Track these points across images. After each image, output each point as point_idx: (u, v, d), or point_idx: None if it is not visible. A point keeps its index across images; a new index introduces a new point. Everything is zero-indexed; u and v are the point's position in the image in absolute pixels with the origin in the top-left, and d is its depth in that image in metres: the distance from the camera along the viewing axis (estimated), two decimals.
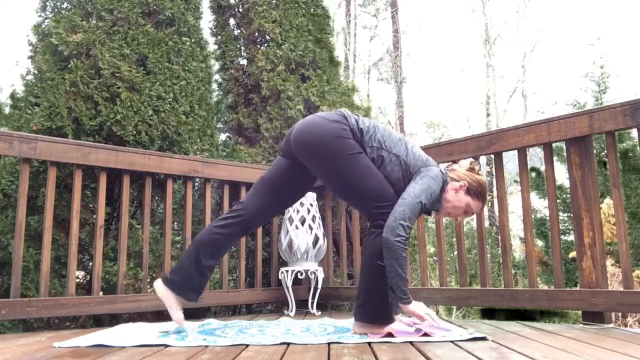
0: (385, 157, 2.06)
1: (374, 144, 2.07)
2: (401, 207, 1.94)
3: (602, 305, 2.29)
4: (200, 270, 2.15)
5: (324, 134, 2.04)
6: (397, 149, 2.08)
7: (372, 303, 2.04)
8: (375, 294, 2.04)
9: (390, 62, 16.42)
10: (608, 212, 5.35)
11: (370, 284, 2.05)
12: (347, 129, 2.06)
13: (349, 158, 2.02)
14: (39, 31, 3.38)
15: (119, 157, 2.77)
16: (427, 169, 2.05)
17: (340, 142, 2.03)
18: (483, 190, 2.15)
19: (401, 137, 2.15)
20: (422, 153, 2.14)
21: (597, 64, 7.74)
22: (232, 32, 4.41)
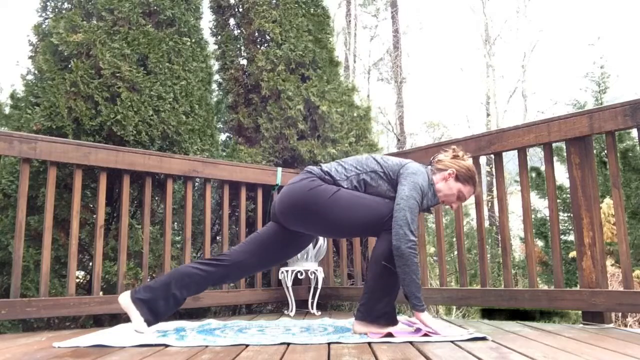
0: (366, 178, 2.14)
1: (350, 175, 2.14)
2: (399, 212, 1.99)
3: (602, 305, 2.29)
4: (166, 298, 2.17)
5: (298, 194, 2.12)
6: (370, 166, 2.16)
7: (375, 303, 2.05)
8: (378, 294, 2.06)
9: (390, 62, 16.42)
10: (608, 212, 5.35)
11: (374, 284, 2.07)
12: (316, 178, 2.13)
13: (331, 201, 2.08)
14: (39, 31, 3.38)
15: (119, 157, 2.77)
16: (405, 168, 2.11)
17: (315, 192, 2.09)
18: (472, 174, 2.20)
19: (367, 156, 2.23)
20: (394, 159, 2.20)
21: (597, 64, 7.75)
22: (232, 32, 4.41)
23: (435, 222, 3.01)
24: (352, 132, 4.03)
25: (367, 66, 17.45)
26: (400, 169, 2.12)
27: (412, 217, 1.99)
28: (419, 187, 2.05)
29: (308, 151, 3.80)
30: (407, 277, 1.96)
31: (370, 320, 2.05)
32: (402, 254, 1.95)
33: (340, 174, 2.15)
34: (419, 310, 1.98)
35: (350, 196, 2.09)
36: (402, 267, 1.96)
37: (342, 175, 2.14)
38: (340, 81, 4.21)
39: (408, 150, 3.21)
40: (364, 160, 2.19)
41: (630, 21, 28.46)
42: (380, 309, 2.05)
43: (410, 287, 1.97)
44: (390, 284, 2.04)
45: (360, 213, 2.08)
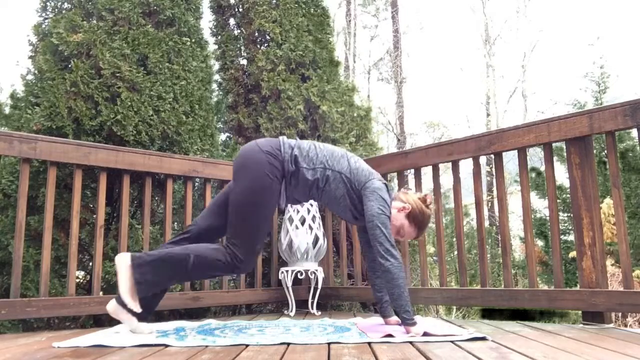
0: (330, 176, 2.14)
1: (317, 166, 2.13)
2: (374, 229, 2.03)
3: (602, 305, 2.29)
4: (158, 293, 2.19)
5: (251, 160, 2.10)
6: (340, 166, 2.16)
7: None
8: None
9: (390, 62, 16.42)
10: (608, 212, 5.35)
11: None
12: (277, 161, 2.09)
13: (258, 192, 2.07)
14: (39, 31, 3.38)
15: (119, 157, 2.77)
16: (371, 183, 2.13)
17: (259, 173, 2.06)
18: (423, 220, 2.21)
19: (343, 154, 2.22)
20: (364, 167, 2.21)
21: (597, 64, 7.75)
22: (232, 32, 4.41)
23: (435, 222, 3.01)
24: (352, 132, 4.04)
25: (367, 66, 17.44)
26: (366, 182, 2.13)
27: (387, 232, 2.04)
28: (385, 202, 2.09)
29: None
30: (395, 291, 2.00)
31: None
32: (388, 269, 1.99)
33: (308, 161, 2.13)
34: (410, 325, 2.00)
35: (266, 209, 2.09)
36: (391, 282, 2.00)
37: (309, 162, 2.13)
38: (340, 81, 4.21)
39: (408, 150, 3.21)
40: (338, 157, 2.19)
41: (630, 21, 28.44)
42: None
43: (399, 301, 2.00)
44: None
45: (251, 222, 2.07)
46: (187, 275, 2.06)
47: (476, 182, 2.86)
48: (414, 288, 3.07)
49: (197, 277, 2.07)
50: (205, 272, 2.11)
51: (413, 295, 3.10)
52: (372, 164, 3.29)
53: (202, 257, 2.04)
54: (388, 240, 2.03)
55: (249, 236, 2.08)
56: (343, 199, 2.15)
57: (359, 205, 2.16)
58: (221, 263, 2.05)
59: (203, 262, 2.04)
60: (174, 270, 2.05)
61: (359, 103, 4.36)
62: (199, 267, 2.04)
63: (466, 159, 2.87)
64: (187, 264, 2.02)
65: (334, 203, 2.20)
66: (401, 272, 2.01)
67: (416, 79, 29.51)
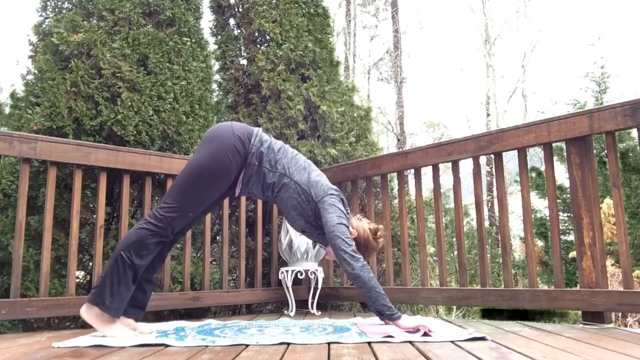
0: (287, 184, 2.15)
1: (277, 170, 2.15)
2: (335, 240, 2.06)
3: (602, 305, 2.29)
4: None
5: (220, 138, 2.11)
6: (299, 176, 2.17)
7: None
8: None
9: (390, 62, 16.41)
10: (608, 212, 5.35)
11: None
12: (243, 149, 2.10)
13: (212, 169, 2.08)
14: (39, 31, 3.38)
15: (119, 157, 2.77)
16: (329, 197, 2.15)
17: (221, 153, 2.08)
18: (366, 251, 2.23)
19: (306, 166, 2.22)
20: (324, 181, 2.21)
21: (597, 64, 7.75)
22: (232, 32, 4.41)
23: (435, 222, 3.01)
24: (352, 132, 4.04)
25: (367, 66, 17.44)
26: (324, 196, 2.14)
27: (348, 240, 2.06)
28: (342, 213, 2.13)
29: (308, 151, 3.80)
30: (372, 293, 2.02)
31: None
32: (356, 275, 2.02)
33: (272, 163, 2.14)
34: (395, 319, 2.01)
35: (207, 188, 2.10)
36: (364, 287, 2.02)
37: (271, 164, 2.14)
38: (340, 81, 4.21)
39: (408, 150, 3.21)
40: (300, 167, 2.19)
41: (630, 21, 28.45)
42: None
43: (379, 301, 2.02)
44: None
45: (186, 192, 2.09)
46: (134, 267, 2.04)
47: (476, 182, 2.86)
48: (414, 288, 3.07)
49: (142, 261, 2.05)
50: (143, 250, 2.07)
51: (413, 295, 3.10)
52: (372, 164, 3.31)
53: (130, 243, 2.05)
54: (349, 246, 2.06)
55: (183, 201, 2.09)
56: (294, 208, 2.17)
57: (312, 218, 2.18)
58: (148, 232, 2.06)
59: (135, 245, 2.04)
60: (122, 275, 2.03)
61: (359, 103, 4.36)
62: (136, 253, 2.04)
63: (466, 159, 2.87)
64: (124, 261, 2.03)
65: (285, 210, 2.23)
66: (369, 274, 2.04)
67: (416, 79, 29.52)
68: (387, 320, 2.04)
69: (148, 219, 2.09)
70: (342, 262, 2.06)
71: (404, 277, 3.08)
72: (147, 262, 2.10)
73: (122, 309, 2.07)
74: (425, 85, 28.80)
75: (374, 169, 3.29)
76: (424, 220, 3.19)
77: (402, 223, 3.13)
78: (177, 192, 2.10)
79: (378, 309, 2.03)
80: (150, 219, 2.08)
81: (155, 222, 2.07)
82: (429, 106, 27.15)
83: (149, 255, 2.09)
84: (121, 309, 2.07)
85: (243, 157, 2.11)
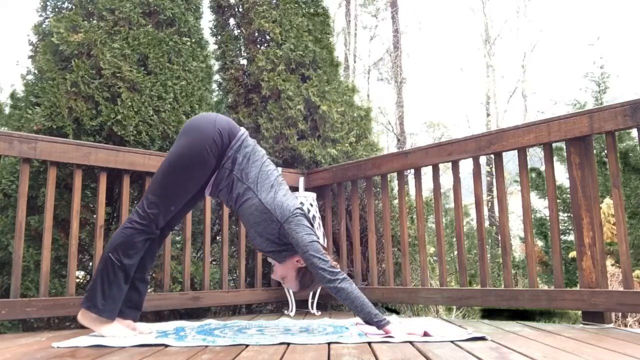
0: (250, 199, 2.09)
1: (245, 182, 2.10)
2: (309, 259, 2.02)
3: (602, 305, 2.29)
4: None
5: (200, 129, 2.10)
6: (265, 195, 2.10)
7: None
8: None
9: (390, 62, 16.41)
10: (608, 212, 5.35)
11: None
12: (222, 144, 2.08)
13: (189, 160, 2.07)
14: (39, 31, 3.38)
15: (119, 157, 2.77)
16: (294, 217, 2.07)
17: (199, 145, 2.06)
18: (310, 283, 2.21)
19: (274, 184, 2.14)
20: (290, 202, 2.13)
21: (597, 64, 7.75)
22: (232, 32, 4.41)
23: (435, 222, 3.01)
24: (352, 132, 4.04)
25: (367, 66, 17.44)
26: (289, 217, 2.06)
27: (321, 257, 2.01)
28: (311, 229, 2.08)
29: (308, 151, 3.80)
30: (356, 303, 1.98)
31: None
32: (339, 289, 1.98)
33: (241, 173, 2.10)
34: (384, 325, 1.98)
35: (188, 181, 2.09)
36: (347, 298, 1.98)
37: (241, 174, 2.10)
38: (340, 81, 4.21)
39: (408, 150, 3.21)
40: (268, 185, 2.12)
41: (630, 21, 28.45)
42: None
43: (364, 310, 1.98)
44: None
45: (168, 186, 2.09)
46: (125, 268, 2.04)
47: (476, 182, 2.86)
48: (414, 288, 3.07)
49: (132, 260, 2.05)
50: (131, 250, 2.06)
51: (413, 295, 3.10)
52: (372, 164, 3.31)
53: (117, 244, 2.05)
54: (326, 262, 2.01)
55: (163, 195, 2.08)
56: (254, 226, 2.11)
57: (275, 237, 2.10)
58: (134, 230, 2.05)
59: (122, 246, 2.04)
60: (112, 277, 2.04)
61: (359, 103, 4.36)
62: (124, 253, 2.04)
63: (466, 159, 2.87)
64: (113, 262, 2.02)
65: (246, 224, 2.17)
66: (352, 285, 2.00)
67: (416, 79, 29.53)
68: (376, 326, 2.00)
69: (132, 217, 2.09)
70: (322, 280, 2.02)
71: (404, 277, 3.08)
72: (136, 260, 2.10)
73: (116, 310, 2.07)
74: (425, 85, 28.81)
75: (374, 169, 3.29)
76: (424, 220, 3.19)
77: (402, 223, 3.13)
78: (157, 187, 2.10)
79: (365, 318, 1.99)
80: (134, 218, 2.07)
81: (139, 219, 2.06)
82: (429, 106, 27.17)
83: (137, 254, 2.09)
84: (115, 311, 2.07)
85: (220, 153, 2.09)
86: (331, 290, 2.01)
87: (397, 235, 3.65)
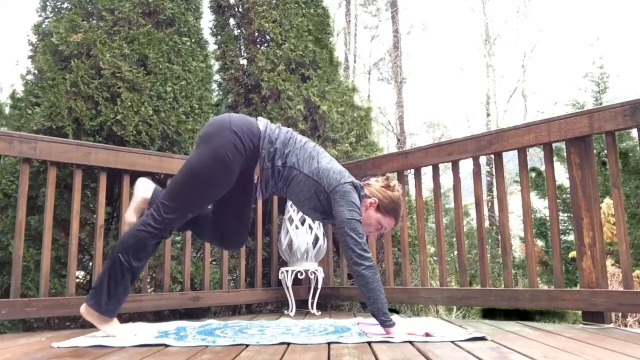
0: (296, 176, 2.07)
1: (287, 164, 2.07)
2: (344, 236, 1.99)
3: (602, 305, 2.29)
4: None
5: (217, 135, 2.03)
6: (309, 168, 2.07)
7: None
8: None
9: (391, 62, 16.42)
10: (608, 212, 5.34)
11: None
12: (241, 151, 2.01)
13: (206, 173, 2.01)
14: (39, 31, 3.38)
15: (119, 157, 2.77)
16: (341, 186, 2.04)
17: (220, 152, 1.99)
18: (395, 207, 2.15)
19: (314, 155, 2.11)
20: (334, 168, 2.10)
21: (597, 64, 7.75)
22: (232, 32, 4.41)
23: (435, 222, 3.01)
24: (352, 132, 4.04)
25: (368, 66, 17.44)
26: (336, 186, 2.04)
27: (358, 237, 1.98)
28: (354, 206, 2.02)
29: None
30: (371, 295, 1.96)
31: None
32: (362, 275, 1.96)
33: (283, 160, 2.06)
34: (388, 326, 1.97)
35: (221, 177, 2.03)
36: (365, 287, 1.96)
37: (283, 160, 2.06)
38: (340, 81, 4.21)
39: (408, 150, 3.20)
40: (309, 158, 2.09)
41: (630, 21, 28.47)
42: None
43: (376, 305, 1.97)
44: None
45: (187, 191, 2.03)
46: (133, 270, 2.01)
47: (476, 182, 2.86)
48: (414, 288, 3.07)
49: (141, 263, 2.03)
50: (142, 253, 2.04)
51: (413, 295, 3.10)
52: (372, 164, 3.31)
53: (128, 246, 2.01)
54: (359, 244, 1.98)
55: (181, 203, 2.04)
56: (308, 201, 2.10)
57: (327, 207, 2.09)
58: (147, 234, 2.01)
59: (134, 248, 2.01)
60: (120, 278, 2.01)
61: (359, 103, 4.36)
62: (134, 256, 2.00)
63: (466, 159, 2.87)
64: (122, 264, 1.99)
65: (298, 203, 2.16)
66: (375, 275, 1.97)
67: (416, 79, 29.49)
68: (380, 324, 2.00)
69: (147, 220, 2.04)
70: (348, 260, 1.99)
71: (404, 277, 3.08)
72: (144, 263, 2.09)
73: (118, 310, 2.08)
74: (425, 85, 28.79)
75: (374, 169, 3.29)
76: (424, 220, 3.19)
77: (402, 223, 3.13)
78: (176, 194, 2.05)
79: (373, 311, 1.99)
80: (149, 221, 2.02)
81: (154, 223, 2.02)
82: (429, 106, 27.14)
83: (147, 257, 2.08)
84: (117, 310, 2.07)
85: (246, 156, 2.04)
86: (353, 273, 1.99)
87: (397, 235, 3.65)
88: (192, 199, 2.06)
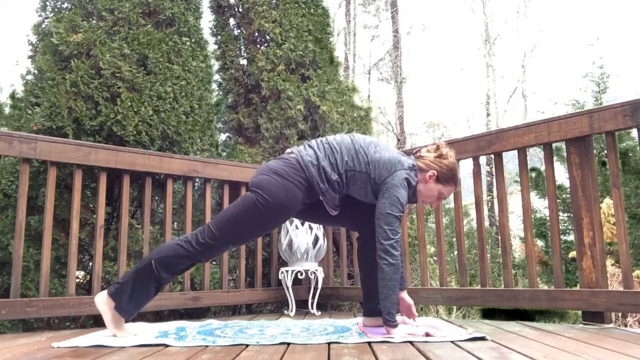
0: (353, 176, 2.06)
1: (341, 171, 2.06)
2: (378, 228, 2.00)
3: (602, 305, 2.29)
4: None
5: (271, 186, 2.00)
6: (360, 165, 2.06)
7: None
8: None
9: (391, 62, 16.41)
10: (608, 212, 5.34)
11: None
12: (298, 186, 2.01)
13: (263, 220, 2.03)
14: (39, 31, 3.38)
15: (119, 157, 2.77)
16: (392, 178, 2.03)
17: (279, 201, 1.99)
18: (453, 174, 2.13)
19: (359, 148, 2.08)
20: (383, 157, 2.07)
21: (597, 64, 7.75)
22: (232, 32, 4.41)
23: (435, 222, 3.01)
24: (352, 132, 4.03)
25: (368, 66, 17.43)
26: (386, 177, 2.03)
27: (392, 232, 1.98)
28: (399, 202, 2.01)
29: None
30: (384, 291, 1.97)
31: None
32: (382, 269, 1.97)
33: (338, 172, 2.06)
34: (390, 327, 1.98)
35: (267, 216, 2.02)
36: (382, 281, 1.98)
37: (335, 169, 2.05)
38: (340, 81, 4.21)
39: (408, 151, 3.20)
40: (355, 155, 2.07)
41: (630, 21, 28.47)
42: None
43: (385, 302, 1.98)
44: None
45: (235, 223, 2.03)
46: (159, 279, 2.02)
47: (476, 182, 2.86)
48: (414, 288, 3.07)
49: (169, 277, 2.04)
50: (173, 267, 2.05)
51: (413, 295, 3.09)
52: None
53: (164, 256, 2.02)
54: (390, 239, 1.97)
55: (228, 235, 2.04)
56: (364, 198, 2.13)
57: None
58: (185, 252, 2.01)
59: (168, 260, 2.01)
60: (146, 283, 2.02)
61: (359, 103, 4.36)
62: (166, 267, 2.01)
63: (466, 159, 2.87)
64: (152, 270, 2.00)
65: (363, 198, 2.15)
66: (395, 275, 1.97)
67: (416, 79, 29.48)
68: (383, 322, 2.00)
69: (190, 238, 2.03)
70: (377, 251, 1.99)
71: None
72: (172, 278, 2.10)
73: (133, 315, 2.08)
74: (425, 85, 28.79)
75: None
76: (424, 220, 3.19)
77: (402, 223, 3.13)
78: (225, 226, 2.03)
79: (381, 308, 2.00)
80: (191, 239, 2.02)
81: (195, 244, 2.01)
82: (429, 106, 27.13)
83: (177, 273, 2.09)
84: (133, 314, 2.07)
85: (303, 192, 2.03)
86: (378, 263, 1.99)
87: None
88: (240, 233, 2.08)
